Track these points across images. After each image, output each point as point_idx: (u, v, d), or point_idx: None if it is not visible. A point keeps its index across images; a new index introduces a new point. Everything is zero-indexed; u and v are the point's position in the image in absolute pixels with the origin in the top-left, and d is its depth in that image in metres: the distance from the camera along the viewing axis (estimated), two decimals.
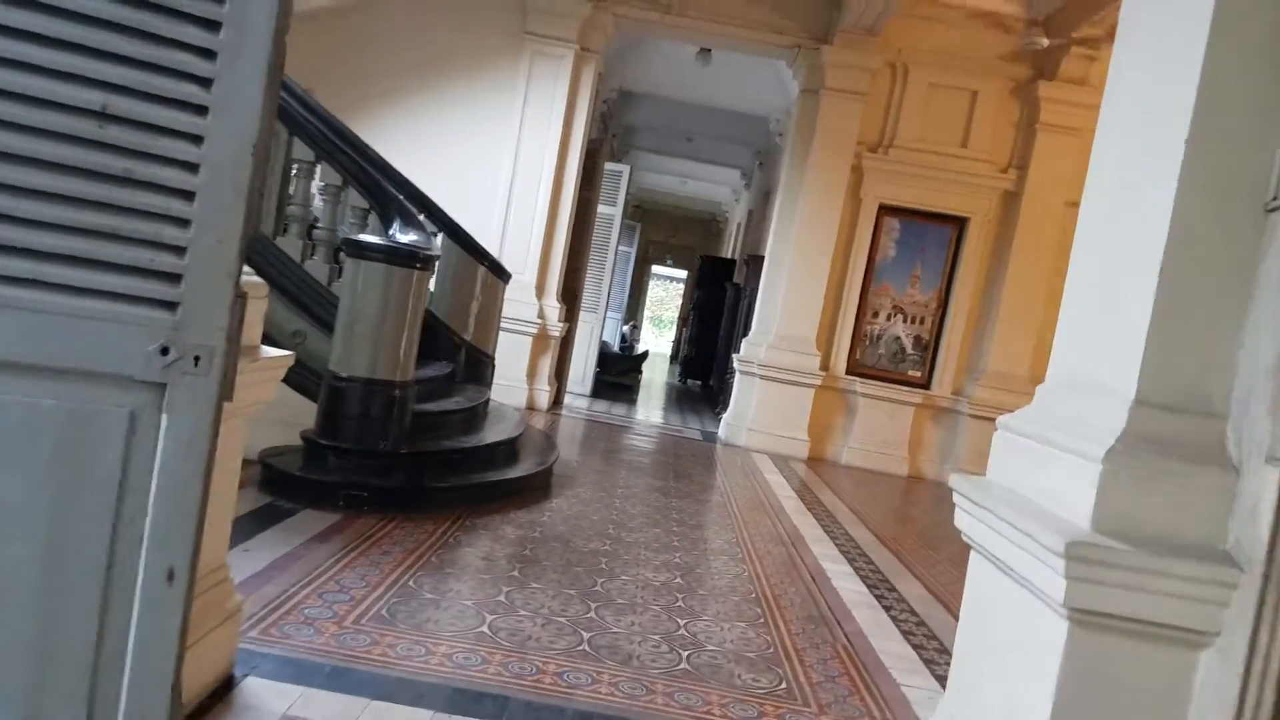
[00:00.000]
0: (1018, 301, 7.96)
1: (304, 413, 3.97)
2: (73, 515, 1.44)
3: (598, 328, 10.13)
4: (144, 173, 1.41)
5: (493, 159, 7.98)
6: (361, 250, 3.73)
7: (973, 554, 2.16)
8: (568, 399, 9.12)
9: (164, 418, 1.46)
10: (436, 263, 4.14)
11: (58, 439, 1.41)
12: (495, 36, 7.97)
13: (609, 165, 9.75)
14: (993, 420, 7.01)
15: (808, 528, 5.00)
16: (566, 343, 8.85)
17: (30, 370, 1.39)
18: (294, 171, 4.21)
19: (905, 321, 8.30)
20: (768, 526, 4.86)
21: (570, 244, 8.43)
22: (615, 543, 3.93)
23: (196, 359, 1.46)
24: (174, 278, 1.44)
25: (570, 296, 8.76)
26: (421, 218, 5.71)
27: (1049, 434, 1.98)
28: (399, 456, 3.91)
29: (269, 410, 4.07)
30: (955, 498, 2.13)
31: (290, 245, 4.16)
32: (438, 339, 5.69)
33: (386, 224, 4.08)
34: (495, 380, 7.59)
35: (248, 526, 3.21)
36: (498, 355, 7.58)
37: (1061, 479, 1.87)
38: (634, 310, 23.19)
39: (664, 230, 24.13)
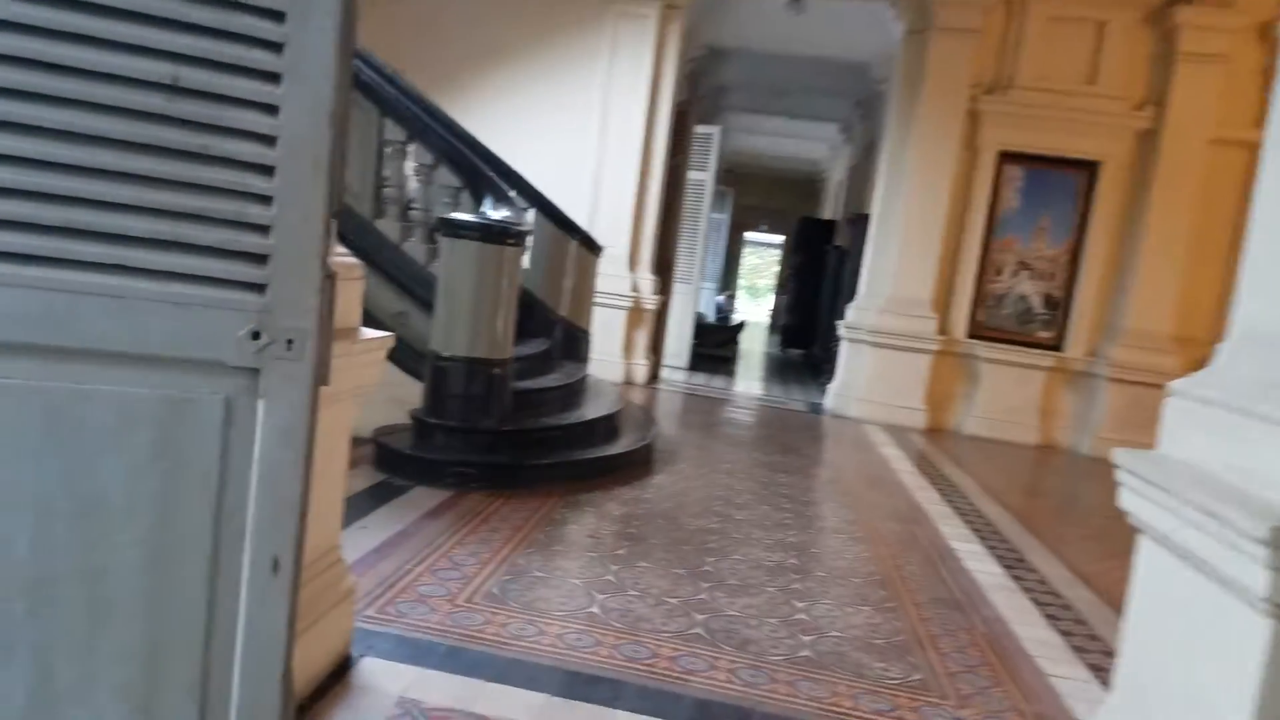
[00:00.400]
0: (1160, 252, 7.29)
1: (413, 392, 3.97)
2: (175, 506, 1.39)
3: (692, 299, 9.93)
4: (220, 148, 1.32)
5: (580, 132, 7.85)
6: (454, 229, 3.66)
7: (1143, 539, 1.89)
8: (665, 372, 8.99)
9: (260, 404, 1.39)
10: (528, 238, 4.03)
11: (156, 428, 1.36)
12: (575, 4, 7.80)
13: (699, 128, 9.47)
14: (1134, 384, 6.49)
15: (931, 503, 4.72)
16: (661, 316, 8.70)
17: (123, 359, 1.33)
18: (388, 152, 4.18)
19: (1032, 278, 7.76)
20: (886, 502, 4.61)
21: (662, 214, 8.24)
22: (724, 520, 3.78)
23: (290, 342, 1.38)
24: (260, 258, 1.35)
25: (663, 268, 8.59)
26: (512, 194, 5.68)
27: (1242, 400, 1.69)
28: (502, 434, 3.86)
29: (380, 389, 4.12)
30: (1121, 475, 1.86)
31: (389, 227, 4.14)
32: (534, 316, 5.62)
33: (478, 201, 4.00)
34: (591, 356, 7.53)
35: (363, 504, 3.22)
36: (593, 330, 7.52)
37: (1261, 452, 1.59)
38: (729, 279, 22.84)
39: (758, 194, 23.57)
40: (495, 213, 3.88)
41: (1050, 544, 4.18)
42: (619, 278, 7.81)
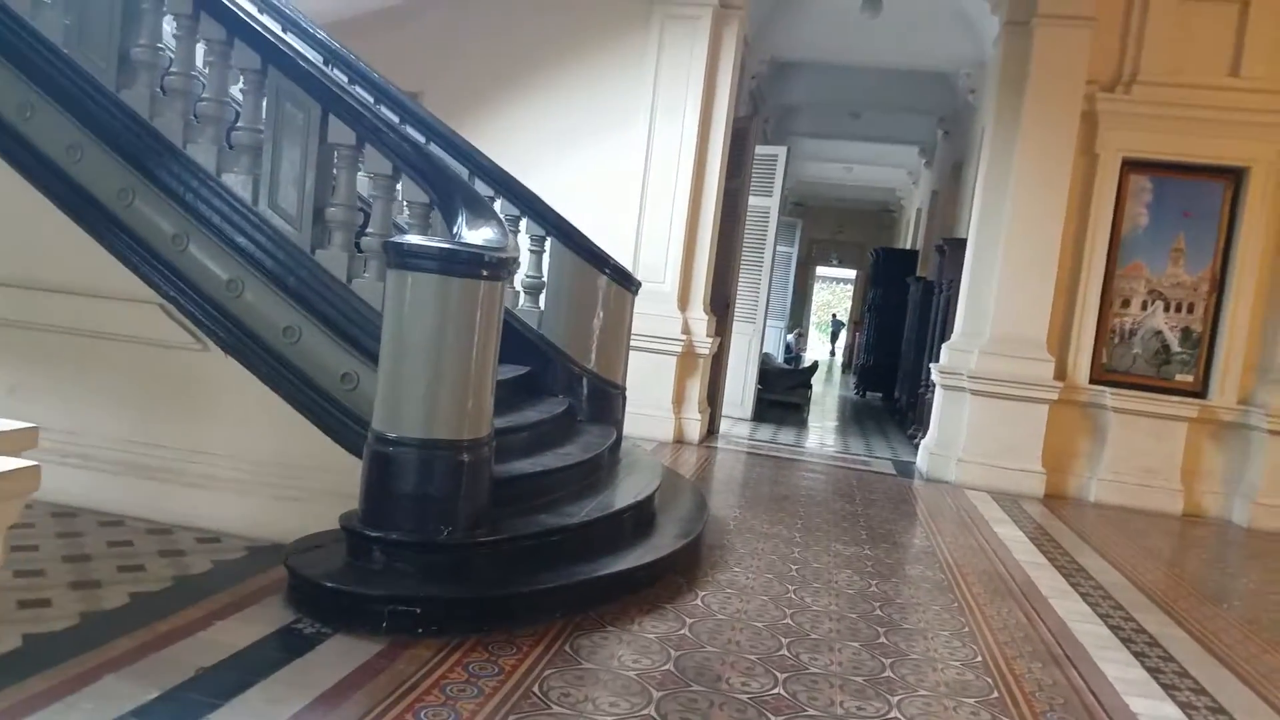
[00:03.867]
0: None
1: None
2: None
3: (756, 340, 8.74)
4: None
5: (622, 151, 6.82)
6: (404, 256, 2.61)
7: None
8: (724, 426, 7.79)
9: None
10: (515, 267, 2.97)
11: None
12: (617, 6, 6.82)
13: (760, 149, 8.35)
14: None
15: (1078, 620, 3.41)
16: (719, 360, 7.53)
17: None
18: (334, 162, 3.18)
19: (1167, 310, 6.34)
20: (1020, 624, 3.32)
21: (718, 244, 7.13)
22: (793, 676, 2.56)
23: None
24: None
25: (721, 306, 7.45)
26: (523, 222, 4.66)
27: None
28: (473, 548, 2.74)
29: (311, 476, 3.08)
30: None
31: (334, 260, 3.13)
32: (550, 370, 4.57)
33: (450, 219, 2.96)
34: (633, 410, 6.40)
35: (240, 672, 2.13)
36: (635, 379, 6.40)
37: None
38: (798, 317, 21.52)
39: (829, 227, 22.30)
40: (473, 233, 2.82)
41: (1256, 680, 2.86)
42: (668, 318, 6.71)
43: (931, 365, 6.98)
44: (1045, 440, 6.20)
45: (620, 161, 6.82)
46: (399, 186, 3.22)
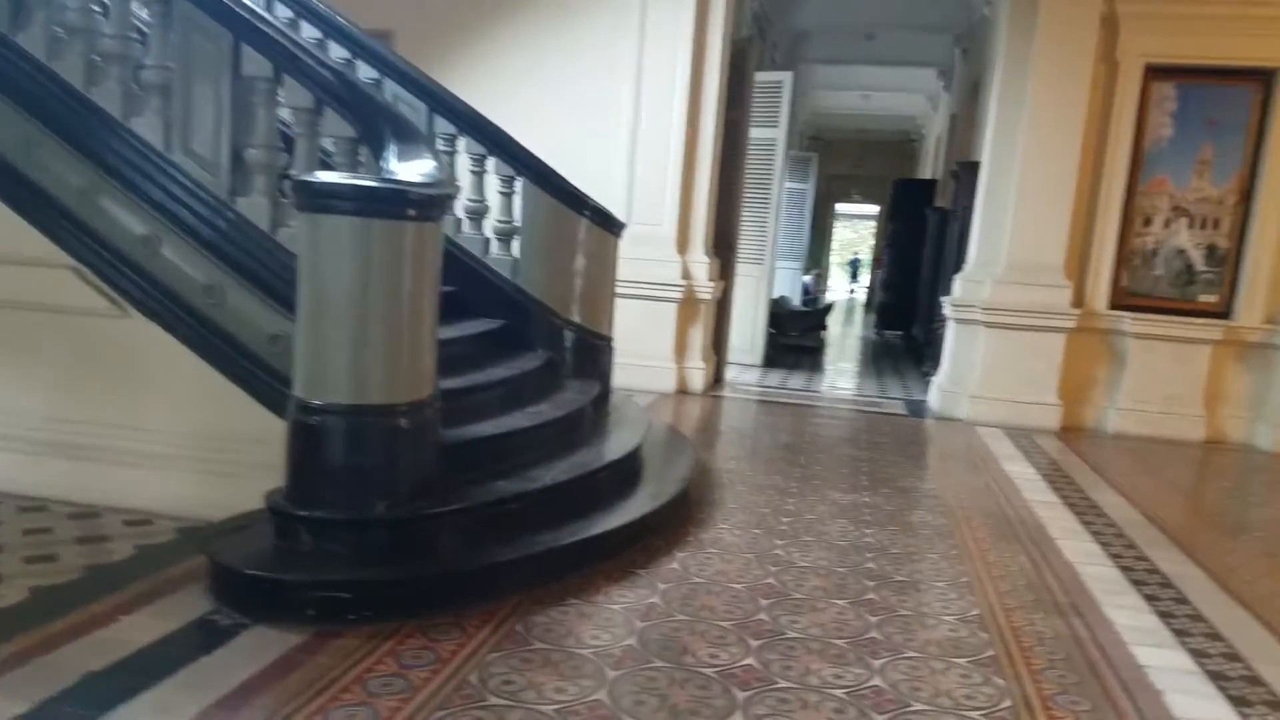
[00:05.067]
0: None
1: None
2: None
3: (765, 282, 8.40)
4: None
5: (611, 84, 6.45)
6: (315, 197, 2.35)
7: None
8: (732, 373, 7.53)
9: None
10: (450, 203, 2.71)
11: None
12: None
13: (763, 75, 7.89)
14: None
15: (1094, 568, 3.16)
16: (724, 305, 7.24)
17: None
18: (253, 97, 2.90)
19: (1191, 227, 5.93)
20: (1026, 571, 3.08)
21: (719, 182, 6.77)
22: (768, 644, 2.35)
23: None
24: None
25: (724, 248, 7.12)
26: (491, 161, 4.37)
27: None
28: (413, 524, 2.52)
29: (250, 451, 2.87)
30: None
31: (255, 208, 2.87)
32: (528, 323, 4.33)
33: (378, 152, 2.69)
34: (633, 361, 6.20)
35: (134, 675, 1.92)
36: (633, 329, 6.17)
37: None
38: (817, 256, 21.00)
39: (848, 161, 21.59)
40: (404, 167, 2.56)
41: (1276, 620, 2.62)
42: (666, 263, 6.41)
43: (944, 298, 6.64)
44: (1062, 371, 5.88)
45: (608, 94, 6.46)
46: (322, 120, 2.93)
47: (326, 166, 3.00)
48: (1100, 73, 5.86)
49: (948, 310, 6.38)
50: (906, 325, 12.05)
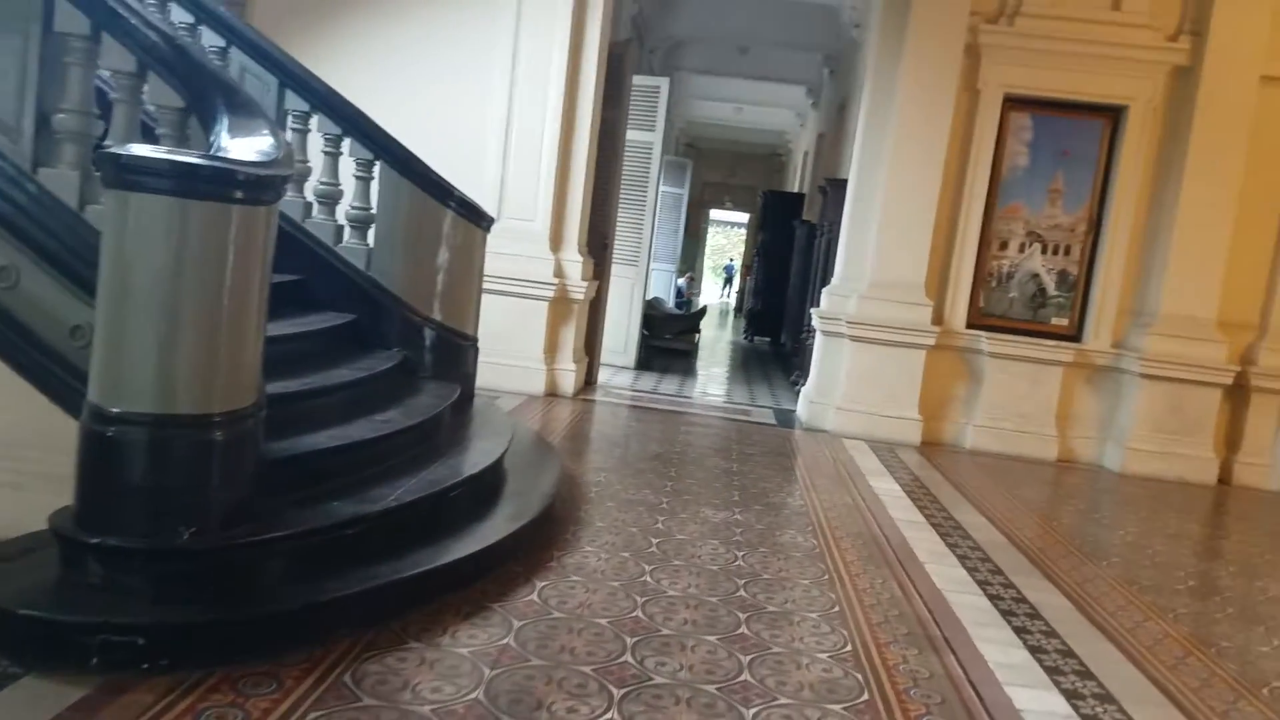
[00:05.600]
0: (1200, 216, 5.80)
1: None
2: None
3: (640, 284, 8.28)
4: None
5: (484, 77, 6.15)
6: (125, 172, 1.97)
7: None
8: (604, 375, 7.35)
9: None
10: (285, 185, 2.36)
11: None
12: None
13: (642, 79, 7.78)
14: (1170, 380, 4.98)
15: (960, 593, 3.15)
16: (597, 305, 7.04)
17: None
18: (66, 60, 2.46)
19: (1044, 252, 6.22)
20: (896, 599, 3.02)
21: (594, 180, 6.57)
22: (633, 694, 2.14)
23: None
24: None
25: (599, 248, 6.93)
26: (346, 142, 3.99)
27: None
28: (226, 554, 2.16)
29: (45, 459, 2.43)
30: None
31: (61, 181, 2.43)
32: (383, 319, 3.99)
33: (208, 125, 2.32)
34: (501, 361, 5.92)
35: None
36: (502, 327, 5.89)
37: None
38: (691, 260, 21.22)
39: (721, 170, 21.96)
40: (237, 143, 2.20)
41: (1141, 655, 2.66)
42: (539, 260, 6.15)
43: (812, 310, 6.70)
44: (922, 387, 6.04)
45: (481, 85, 6.15)
46: (147, 87, 2.53)
47: (152, 139, 2.58)
48: (963, 100, 6.06)
49: (815, 323, 6.44)
50: (776, 333, 12.28)
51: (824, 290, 6.54)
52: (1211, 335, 5.81)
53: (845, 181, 6.81)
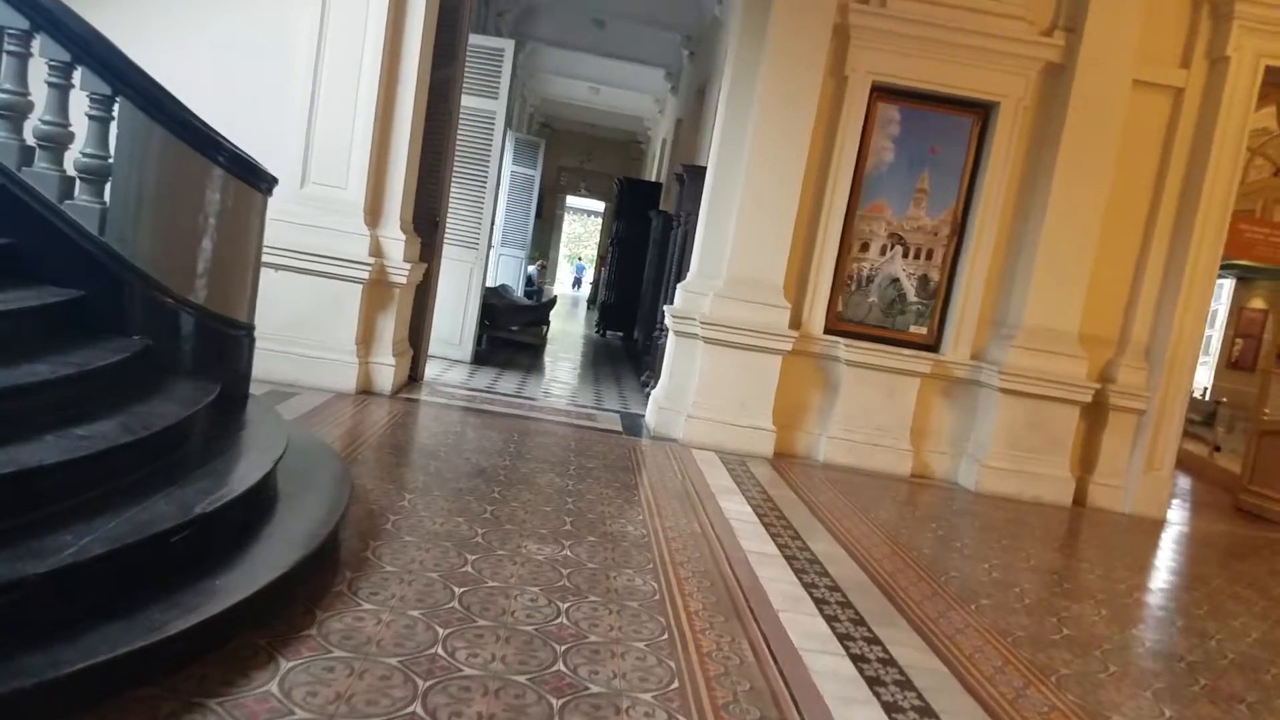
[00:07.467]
0: (1067, 224, 5.63)
1: None
2: None
3: (479, 269, 7.50)
4: None
5: (286, 19, 5.22)
6: None
7: None
8: (434, 370, 6.55)
9: None
10: None
11: None
12: None
13: (481, 38, 7.00)
14: (1029, 396, 4.66)
15: (824, 659, 2.65)
16: (425, 291, 6.23)
17: None
18: None
19: (906, 256, 5.95)
20: (748, 667, 2.49)
21: (422, 147, 5.76)
22: None
23: None
24: None
25: (428, 226, 6.12)
26: (78, 72, 3.05)
27: None
28: None
29: None
30: None
31: None
32: (121, 298, 3.12)
33: None
34: (302, 352, 5.07)
35: None
36: (304, 312, 5.03)
37: None
38: (544, 247, 20.45)
39: (577, 154, 21.27)
40: None
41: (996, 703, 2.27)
42: (351, 235, 5.29)
43: (665, 308, 6.17)
44: (777, 395, 5.63)
45: (283, 27, 5.21)
46: None
47: None
48: (829, 86, 5.68)
49: (668, 321, 5.91)
50: (629, 327, 11.78)
51: (679, 286, 6.03)
52: (1074, 350, 5.68)
53: (704, 169, 6.32)
